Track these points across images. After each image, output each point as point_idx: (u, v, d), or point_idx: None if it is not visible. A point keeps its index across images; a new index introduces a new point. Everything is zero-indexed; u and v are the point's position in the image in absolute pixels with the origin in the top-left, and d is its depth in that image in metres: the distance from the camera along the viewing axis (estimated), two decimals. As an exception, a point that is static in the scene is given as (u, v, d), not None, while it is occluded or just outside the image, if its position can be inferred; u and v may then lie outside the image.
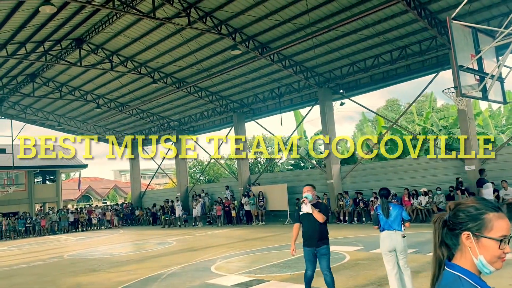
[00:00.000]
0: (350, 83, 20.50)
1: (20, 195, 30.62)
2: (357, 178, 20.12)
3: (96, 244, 18.66)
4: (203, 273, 9.55)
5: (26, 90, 24.04)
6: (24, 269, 12.86)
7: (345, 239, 12.75)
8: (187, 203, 27.06)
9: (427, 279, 5.15)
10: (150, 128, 30.92)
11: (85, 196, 53.93)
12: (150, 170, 52.56)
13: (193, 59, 19.40)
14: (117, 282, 9.35)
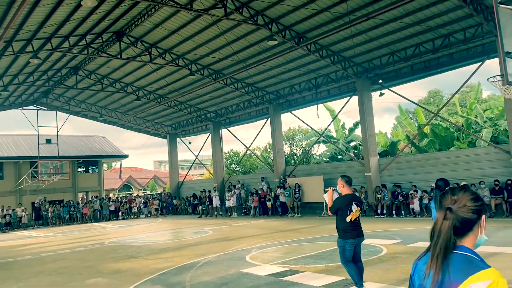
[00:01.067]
0: (389, 73, 19.95)
1: (65, 183, 31.91)
2: (396, 171, 19.63)
3: (136, 232, 19.21)
4: (238, 262, 9.62)
5: (70, 82, 24.94)
6: (68, 254, 13.42)
7: (383, 232, 12.48)
8: (223, 193, 27.35)
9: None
10: (188, 120, 31.39)
11: (126, 186, 55.60)
12: (188, 161, 53.48)
13: (230, 50, 19.45)
14: (155, 269, 9.58)
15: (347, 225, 6.17)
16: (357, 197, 6.45)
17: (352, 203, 6.19)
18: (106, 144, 37.90)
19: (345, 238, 6.18)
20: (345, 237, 6.18)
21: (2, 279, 9.78)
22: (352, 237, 6.16)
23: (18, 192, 30.63)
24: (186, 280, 8.18)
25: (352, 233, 6.17)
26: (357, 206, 6.24)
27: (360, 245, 6.38)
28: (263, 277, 8.00)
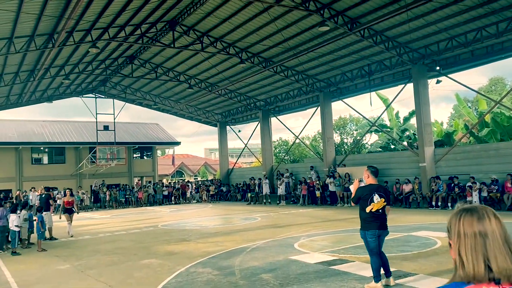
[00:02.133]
0: (448, 60, 18.99)
1: (121, 168, 33.36)
2: (453, 162, 18.77)
3: (187, 217, 19.76)
4: (287, 249, 9.65)
5: (126, 71, 25.87)
6: (123, 235, 14.06)
7: (438, 225, 12.03)
8: (271, 181, 27.46)
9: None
10: (237, 108, 31.66)
11: (178, 172, 57.24)
12: (237, 149, 54.11)
13: (280, 37, 19.31)
14: (205, 252, 9.82)
15: (367, 216, 6.05)
16: (381, 188, 6.22)
17: (374, 193, 6.03)
18: (160, 131, 39.16)
19: (365, 229, 6.07)
20: (365, 228, 6.07)
21: (65, 256, 10.42)
22: (372, 228, 6.00)
23: (78, 176, 32.42)
24: (235, 264, 8.31)
25: (372, 224, 6.02)
26: (381, 197, 6.04)
27: (383, 237, 6.19)
28: (312, 264, 7.97)
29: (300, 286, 6.45)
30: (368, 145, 36.59)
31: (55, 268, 9.07)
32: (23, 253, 11.30)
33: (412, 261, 7.70)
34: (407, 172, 20.12)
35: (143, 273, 8.02)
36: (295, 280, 6.84)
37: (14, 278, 8.23)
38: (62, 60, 21.79)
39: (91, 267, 8.90)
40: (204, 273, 7.71)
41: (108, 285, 7.18)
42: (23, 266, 9.50)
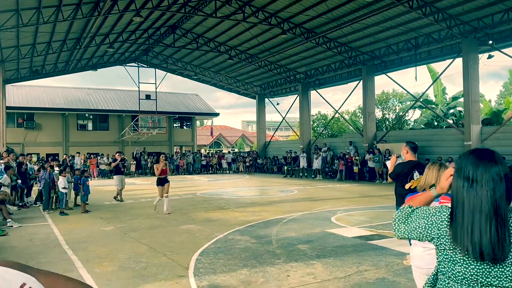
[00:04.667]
0: (502, 33, 17.93)
1: (162, 137, 34.18)
2: (502, 141, 17.95)
3: (225, 186, 20.09)
4: (323, 222, 9.65)
5: (168, 41, 26.07)
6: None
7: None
8: (309, 155, 27.35)
9: None
10: (277, 80, 31.40)
11: (215, 143, 57.99)
12: (274, 122, 54.02)
13: (324, 7, 18.78)
14: (243, 220, 9.99)
15: (406, 193, 5.83)
16: (421, 165, 5.97)
17: (415, 170, 5.81)
18: (199, 102, 39.60)
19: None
20: (402, 205, 5.85)
21: (108, 218, 10.90)
22: None
23: (121, 143, 33.48)
24: (272, 234, 8.42)
25: None
26: (421, 174, 5.82)
27: None
28: (349, 238, 7.95)
29: (337, 258, 6.47)
30: (411, 121, 35.57)
31: (100, 229, 9.51)
32: (69, 213, 11.90)
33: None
34: (450, 150, 19.47)
35: (183, 238, 8.27)
36: (332, 252, 6.86)
37: (63, 236, 8.71)
38: (106, 28, 22.20)
39: (133, 229, 9.26)
40: (241, 241, 7.86)
41: (150, 247, 7.47)
42: (70, 225, 10.02)
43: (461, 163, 1.82)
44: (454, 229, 1.75)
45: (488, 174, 1.73)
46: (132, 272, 5.97)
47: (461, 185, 1.77)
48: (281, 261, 6.38)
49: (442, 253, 1.79)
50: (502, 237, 1.66)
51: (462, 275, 1.73)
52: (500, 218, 1.68)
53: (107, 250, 7.37)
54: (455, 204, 1.79)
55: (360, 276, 5.58)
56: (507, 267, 1.66)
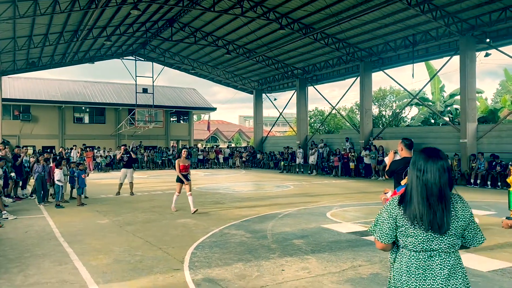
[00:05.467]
0: (499, 32, 17.96)
1: (158, 131, 34.16)
2: (496, 139, 18.05)
3: (221, 181, 20.12)
4: (319, 218, 9.70)
5: (165, 34, 25.97)
6: (160, 195, 14.52)
7: (475, 203, 11.72)
8: (305, 151, 27.39)
9: None
10: (274, 76, 31.36)
11: (212, 137, 58.01)
12: (271, 118, 54.04)
13: (322, 3, 18.74)
14: (239, 215, 10.02)
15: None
16: None
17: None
18: (196, 96, 39.55)
19: None
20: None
21: (104, 212, 10.91)
22: None
23: (117, 136, 33.44)
24: (268, 229, 8.46)
25: None
26: None
27: None
28: (344, 234, 8.00)
29: (331, 254, 6.51)
30: (407, 118, 35.67)
31: (95, 222, 9.52)
32: (65, 206, 11.89)
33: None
34: (446, 148, 19.55)
35: (179, 231, 8.30)
36: (327, 248, 6.90)
37: (58, 228, 8.72)
38: (104, 21, 22.09)
39: (129, 223, 9.28)
40: (237, 235, 7.89)
41: (146, 241, 7.49)
42: (66, 218, 10.02)
43: (415, 158, 2.39)
44: (409, 208, 2.29)
45: (435, 166, 2.31)
46: (127, 265, 6.00)
47: (415, 175, 2.33)
48: (276, 255, 6.42)
49: (400, 230, 2.34)
50: (446, 213, 2.24)
51: (413, 244, 2.29)
52: (444, 199, 2.27)
53: (103, 243, 7.38)
54: (410, 188, 2.33)
55: (355, 271, 5.62)
56: (447, 237, 2.26)
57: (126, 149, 15.05)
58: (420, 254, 2.29)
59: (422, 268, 2.27)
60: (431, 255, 2.28)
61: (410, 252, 2.32)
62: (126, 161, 14.58)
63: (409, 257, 2.32)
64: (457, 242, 2.32)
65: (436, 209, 2.25)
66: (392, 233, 2.39)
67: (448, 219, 2.25)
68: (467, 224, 2.32)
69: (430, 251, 2.28)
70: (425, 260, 2.28)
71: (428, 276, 2.26)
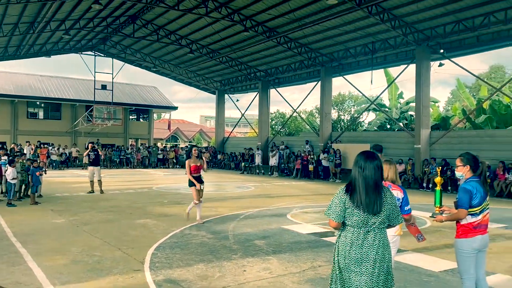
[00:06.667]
0: (452, 43, 18.89)
1: (117, 129, 33.31)
2: (448, 145, 18.94)
3: (181, 181, 19.90)
4: (279, 219, 9.84)
5: (127, 31, 25.41)
6: (118, 194, 14.22)
7: (429, 206, 12.25)
8: (266, 153, 27.62)
9: None
10: (237, 77, 31.42)
11: (173, 137, 57.26)
12: (233, 119, 54.05)
13: (287, 7, 19.00)
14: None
15: None
16: None
17: None
18: (157, 94, 38.91)
19: None
20: None
21: (60, 211, 10.56)
22: None
23: (73, 134, 32.35)
24: (229, 229, 8.49)
25: None
26: None
27: None
28: (304, 234, 8.17)
29: (292, 254, 6.64)
30: (365, 123, 36.71)
31: (50, 221, 9.21)
32: (17, 205, 11.41)
33: (402, 238, 7.89)
34: (401, 152, 20.31)
35: (138, 232, 8.17)
36: (287, 248, 7.03)
37: (10, 228, 8.36)
38: (63, 14, 21.35)
39: (86, 222, 9.04)
40: (198, 236, 7.88)
41: (104, 241, 7.33)
42: (19, 217, 9.62)
43: (357, 158, 3.16)
44: (352, 195, 3.05)
45: (371, 165, 3.07)
46: (85, 266, 5.86)
47: (357, 171, 3.09)
48: (238, 256, 6.47)
49: (347, 211, 3.06)
50: (379, 199, 3.03)
51: (355, 222, 3.04)
52: (378, 189, 3.05)
53: (59, 243, 7.17)
54: (353, 181, 3.09)
55: (314, 271, 5.76)
56: (380, 217, 3.03)
57: (93, 146, 14.66)
58: (360, 230, 3.04)
59: (361, 239, 3.02)
60: (368, 230, 3.03)
61: (353, 228, 3.06)
62: (93, 159, 14.23)
63: (352, 232, 3.06)
64: (386, 221, 3.09)
65: (372, 196, 3.01)
66: (342, 214, 3.08)
67: (380, 204, 3.02)
68: (393, 208, 3.11)
69: (367, 227, 3.03)
70: (364, 234, 3.03)
71: (365, 246, 3.02)
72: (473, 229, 3.98)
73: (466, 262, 3.99)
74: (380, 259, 3.02)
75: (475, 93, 32.46)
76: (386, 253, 3.06)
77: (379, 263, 3.02)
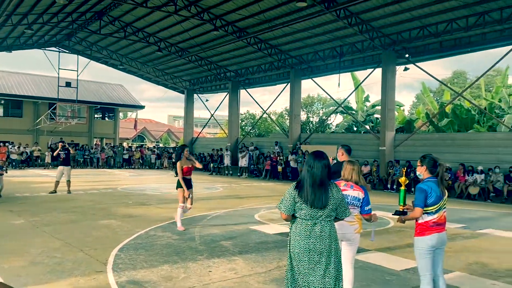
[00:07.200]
0: (417, 48, 19.45)
1: (81, 128, 32.41)
2: (411, 148, 19.48)
3: (147, 182, 19.61)
4: (247, 219, 9.83)
5: (93, 27, 24.76)
6: (82, 195, 13.83)
7: (392, 206, 12.54)
8: (236, 153, 27.57)
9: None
10: (207, 77, 31.24)
11: (139, 137, 56.30)
12: (202, 119, 53.70)
13: (257, 8, 19.04)
14: (165, 217, 9.83)
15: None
16: None
17: None
18: (124, 93, 38.14)
19: None
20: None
21: (19, 211, 10.16)
22: None
23: (35, 132, 31.26)
24: (196, 230, 8.40)
25: None
26: None
27: None
28: (271, 235, 8.18)
29: (258, 254, 6.63)
30: (332, 125, 37.26)
31: (9, 222, 8.84)
32: (-26, 205, 10.92)
33: (366, 237, 8.04)
34: (367, 154, 20.73)
35: (101, 233, 7.96)
36: (254, 249, 7.01)
37: (-36, 229, 7.97)
38: (25, 8, 20.60)
39: (47, 223, 8.73)
40: (163, 237, 7.75)
41: (65, 242, 7.10)
42: (-26, 218, 9.19)
43: (308, 158, 3.46)
44: (301, 191, 3.34)
45: (319, 164, 3.36)
46: (44, 268, 5.65)
47: (307, 169, 3.38)
48: (204, 257, 6.40)
49: (296, 205, 3.35)
50: (325, 195, 3.31)
51: (303, 215, 3.34)
52: (325, 186, 3.34)
53: (17, 244, 6.88)
54: (303, 178, 3.38)
55: (280, 271, 5.77)
56: (326, 210, 3.32)
57: (64, 145, 14.17)
58: (308, 222, 3.33)
59: (309, 231, 3.32)
60: (315, 223, 3.32)
61: (302, 220, 3.35)
62: (64, 158, 13.80)
63: (301, 224, 3.35)
64: (333, 214, 3.38)
65: (318, 192, 3.30)
66: (292, 207, 3.37)
67: (326, 199, 3.31)
68: (339, 202, 3.39)
69: (314, 219, 3.32)
70: (311, 226, 3.32)
71: (313, 236, 3.31)
72: (430, 227, 4.13)
73: (423, 260, 4.15)
74: (327, 249, 3.31)
75: (439, 98, 33.53)
76: (332, 244, 3.34)
77: (326, 253, 3.31)
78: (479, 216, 11.74)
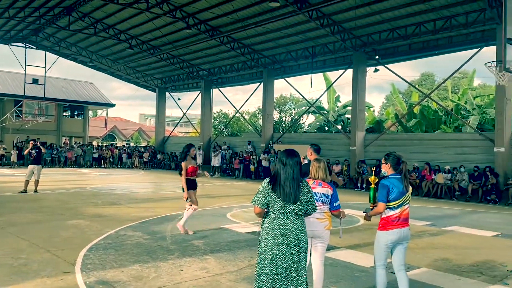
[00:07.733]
0: (387, 50, 19.87)
1: (49, 126, 31.54)
2: (381, 148, 19.87)
3: (118, 181, 19.28)
4: (219, 218, 9.82)
5: (62, 23, 24.13)
6: (49, 194, 13.47)
7: (361, 205, 12.77)
8: (209, 153, 27.46)
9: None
10: (179, 75, 30.97)
11: (110, 135, 55.22)
12: (174, 118, 53.19)
13: (230, 7, 19.02)
14: (136, 216, 9.71)
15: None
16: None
17: None
18: (93, 91, 37.34)
19: None
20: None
21: (-18, 212, 9.80)
22: None
23: (0, 130, 30.21)
24: (167, 230, 8.33)
25: None
26: None
27: None
28: (243, 234, 8.20)
29: (230, 253, 6.63)
30: (305, 125, 37.61)
31: (-29, 223, 8.52)
32: None
33: (335, 235, 8.17)
34: (338, 154, 21.03)
35: (70, 233, 7.78)
36: (225, 247, 7.01)
37: None
38: (-11, 1, 19.90)
39: (12, 224, 8.46)
40: (134, 237, 7.65)
41: (32, 243, 6.90)
42: None
43: (280, 155, 3.64)
44: (274, 186, 3.49)
45: (292, 161, 3.53)
46: (9, 269, 5.48)
47: (280, 166, 3.54)
48: (175, 256, 6.36)
49: (270, 199, 3.49)
50: (297, 191, 3.48)
51: (277, 209, 3.47)
52: (297, 182, 3.50)
53: (-20, 246, 6.64)
54: (276, 174, 3.53)
55: (251, 269, 5.79)
56: (298, 205, 3.49)
57: (35, 144, 13.73)
58: (281, 216, 3.47)
59: (282, 225, 3.46)
60: (288, 216, 3.47)
61: (275, 214, 3.48)
62: (35, 157, 13.39)
63: (274, 218, 3.49)
64: (303, 209, 3.56)
65: (290, 188, 3.46)
66: (265, 201, 3.50)
67: (298, 194, 3.48)
68: (309, 198, 3.59)
69: (287, 213, 3.47)
70: (284, 220, 3.46)
71: (286, 230, 3.45)
72: (391, 222, 4.30)
73: (380, 252, 4.38)
74: (298, 241, 3.48)
75: (407, 99, 34.36)
76: (302, 235, 3.53)
77: (298, 245, 3.48)
78: (445, 214, 12.12)
